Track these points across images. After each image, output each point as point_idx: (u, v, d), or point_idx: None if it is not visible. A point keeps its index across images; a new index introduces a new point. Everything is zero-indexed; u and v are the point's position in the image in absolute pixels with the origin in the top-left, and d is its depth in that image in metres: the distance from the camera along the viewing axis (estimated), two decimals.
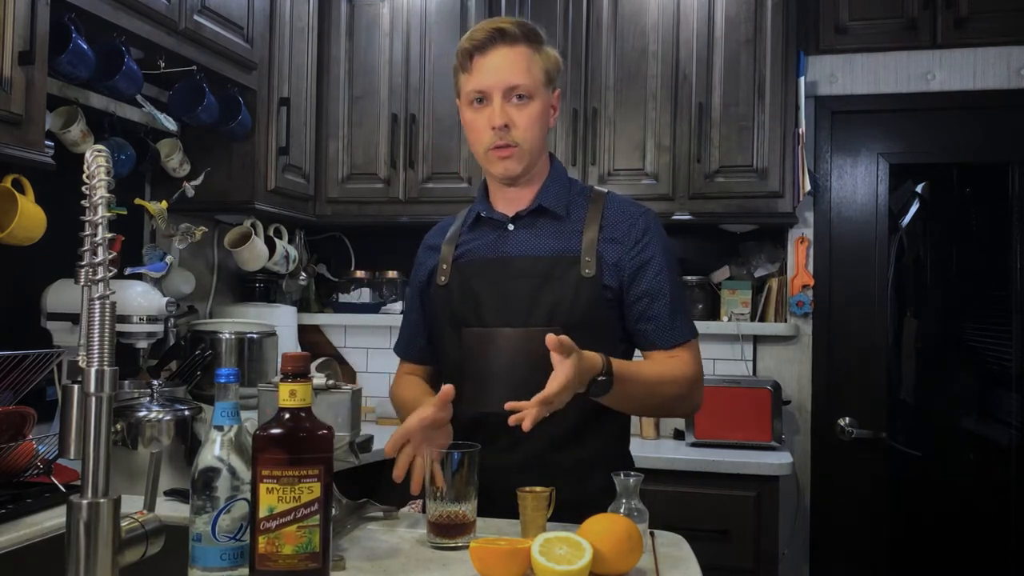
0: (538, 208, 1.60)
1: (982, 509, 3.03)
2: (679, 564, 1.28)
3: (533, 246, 1.58)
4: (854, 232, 3.15)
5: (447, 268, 1.62)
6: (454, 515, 1.30)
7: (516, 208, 1.61)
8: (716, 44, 2.93)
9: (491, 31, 1.53)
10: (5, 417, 1.60)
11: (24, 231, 1.97)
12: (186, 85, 2.47)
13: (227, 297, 3.21)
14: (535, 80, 1.54)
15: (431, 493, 1.31)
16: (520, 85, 1.53)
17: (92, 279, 0.97)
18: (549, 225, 1.59)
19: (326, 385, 1.30)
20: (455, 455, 1.31)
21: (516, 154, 1.55)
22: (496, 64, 1.53)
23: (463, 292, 1.59)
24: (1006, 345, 3.04)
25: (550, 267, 1.55)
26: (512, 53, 1.53)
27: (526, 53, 1.54)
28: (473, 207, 1.68)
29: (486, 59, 1.53)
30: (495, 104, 1.53)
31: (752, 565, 2.58)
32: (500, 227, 1.62)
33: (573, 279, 1.54)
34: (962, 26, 3.01)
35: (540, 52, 1.57)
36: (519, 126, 1.53)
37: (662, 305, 1.55)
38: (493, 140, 1.54)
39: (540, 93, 1.55)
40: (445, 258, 1.64)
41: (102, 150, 1.02)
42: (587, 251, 1.55)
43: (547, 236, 1.58)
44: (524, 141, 1.54)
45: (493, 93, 1.53)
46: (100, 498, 0.96)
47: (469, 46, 1.54)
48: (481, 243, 1.63)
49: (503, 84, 1.52)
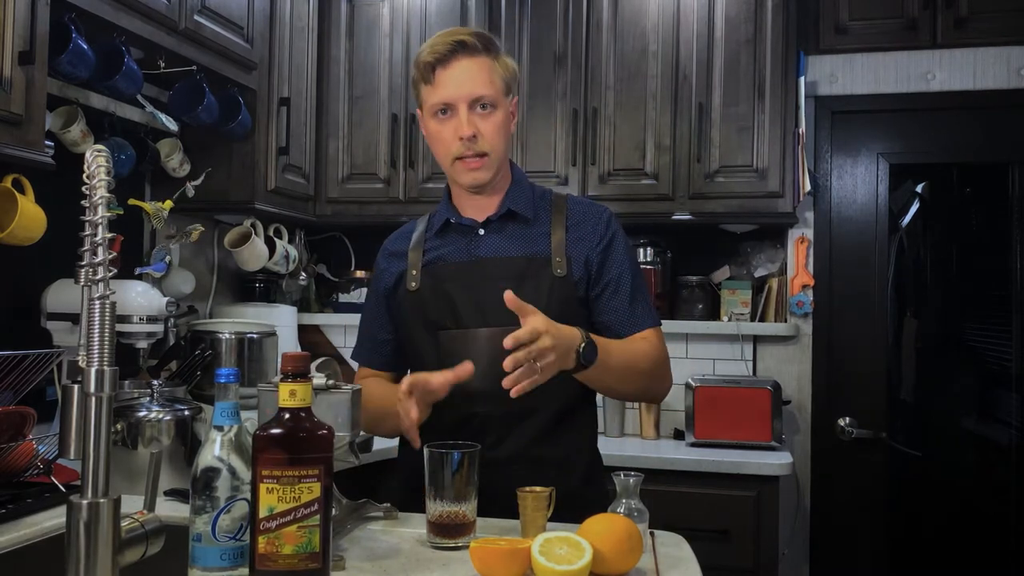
0: (507, 212, 1.64)
1: (982, 509, 3.03)
2: (679, 564, 1.28)
3: (505, 248, 1.62)
4: (854, 232, 3.15)
5: (416, 273, 1.64)
6: (454, 515, 1.30)
7: (484, 214, 1.65)
8: (716, 44, 2.93)
9: (452, 43, 1.56)
10: (5, 417, 1.60)
11: (24, 231, 1.97)
12: (186, 85, 2.47)
13: (227, 297, 3.21)
14: (497, 89, 1.58)
15: (431, 493, 1.31)
16: (484, 95, 1.56)
17: (92, 279, 0.97)
18: (518, 229, 1.64)
19: (326, 385, 1.30)
20: (455, 455, 1.31)
21: (485, 164, 1.59)
22: (460, 75, 1.56)
23: (437, 295, 1.61)
24: (1006, 345, 3.04)
25: (523, 268, 1.59)
26: (474, 64, 1.57)
27: (487, 63, 1.58)
28: (438, 214, 1.71)
29: (449, 71, 1.56)
30: (461, 115, 1.56)
31: (752, 565, 2.59)
32: (470, 232, 1.65)
33: (546, 279, 1.58)
34: (962, 26, 3.01)
35: (498, 61, 1.61)
36: (486, 135, 1.57)
37: (623, 295, 1.61)
38: (461, 150, 1.57)
39: (502, 102, 1.59)
40: (414, 264, 1.66)
41: (102, 150, 1.02)
42: (557, 251, 1.60)
43: (517, 239, 1.63)
44: (492, 150, 1.58)
45: (459, 104, 1.56)
46: (100, 498, 0.96)
47: (432, 59, 1.57)
48: (452, 248, 1.65)
49: (468, 95, 1.56)
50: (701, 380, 2.88)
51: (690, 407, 2.85)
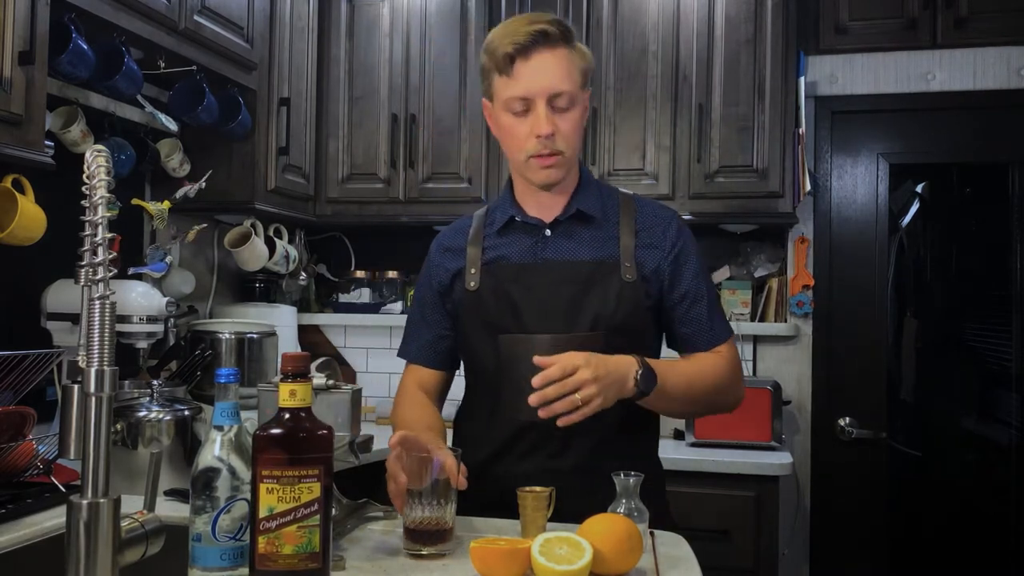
0: (576, 213, 1.57)
1: (982, 509, 3.03)
2: (679, 564, 1.28)
3: (573, 251, 1.56)
4: (854, 232, 3.15)
5: (476, 272, 1.58)
6: (432, 521, 1.26)
7: (551, 213, 1.58)
8: (716, 44, 2.93)
9: (534, 33, 1.46)
10: (5, 417, 1.60)
11: (24, 231, 1.97)
12: (186, 85, 2.47)
13: (227, 297, 3.21)
14: (575, 84, 1.50)
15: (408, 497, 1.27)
16: (564, 91, 1.47)
17: (92, 279, 0.97)
18: (586, 231, 1.57)
19: (326, 385, 1.30)
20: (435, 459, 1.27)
21: (559, 162, 1.51)
22: (540, 69, 1.47)
23: (498, 296, 1.55)
24: (1006, 345, 3.04)
25: (592, 272, 1.53)
26: (554, 57, 1.47)
27: (566, 55, 1.49)
28: (499, 209, 1.63)
29: (529, 63, 1.47)
30: (540, 112, 1.47)
31: (752, 565, 2.58)
32: (536, 232, 1.58)
33: (615, 284, 1.52)
34: (962, 26, 3.01)
35: (576, 51, 1.52)
36: (563, 133, 1.49)
37: (701, 307, 1.56)
38: (537, 148, 1.49)
39: (579, 97, 1.51)
40: (473, 261, 1.59)
41: (102, 150, 1.02)
42: (626, 256, 1.54)
43: (585, 242, 1.56)
44: (567, 148, 1.51)
45: (537, 100, 1.47)
46: (100, 498, 0.96)
47: (511, 49, 1.46)
48: (516, 247, 1.58)
49: (548, 90, 1.47)
50: None
51: None
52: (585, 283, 1.53)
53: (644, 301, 1.54)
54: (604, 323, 1.51)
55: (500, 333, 1.52)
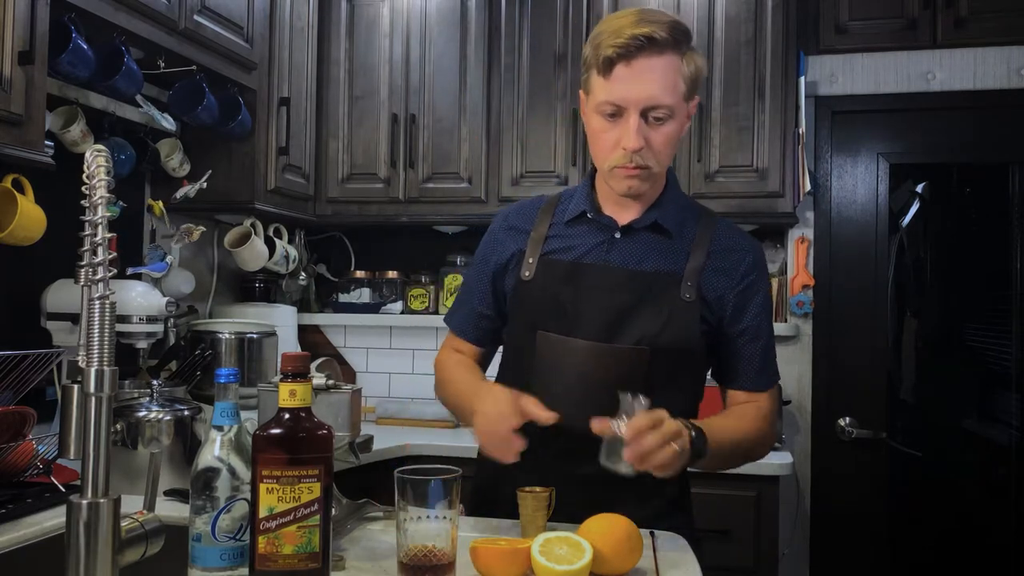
0: (652, 224, 1.49)
1: (982, 509, 3.03)
2: (679, 564, 1.28)
3: (638, 259, 1.47)
4: (854, 232, 3.15)
5: (533, 262, 1.51)
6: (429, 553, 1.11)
7: (627, 216, 1.50)
8: (716, 44, 2.93)
9: (641, 38, 1.35)
10: (5, 417, 1.60)
11: (24, 231, 1.97)
12: (186, 85, 2.47)
13: (227, 297, 3.21)
14: (678, 95, 1.39)
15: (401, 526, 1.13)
16: (662, 104, 1.38)
17: (92, 279, 0.97)
18: (657, 241, 1.48)
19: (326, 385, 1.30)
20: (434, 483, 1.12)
21: (645, 175, 1.43)
22: (639, 78, 1.37)
23: (548, 293, 1.48)
24: (1006, 345, 3.04)
25: (649, 284, 1.45)
26: (658, 65, 1.37)
27: (673, 64, 1.38)
28: (574, 200, 1.55)
29: (630, 69, 1.37)
30: (631, 123, 1.38)
31: (752, 565, 2.58)
32: (606, 232, 1.50)
33: (670, 301, 1.44)
34: (962, 26, 3.01)
35: (685, 59, 1.41)
36: (654, 148, 1.40)
37: (759, 347, 1.50)
38: (622, 160, 1.41)
39: (680, 110, 1.41)
40: (533, 249, 1.52)
41: (102, 150, 1.02)
42: (691, 275, 1.45)
43: (653, 252, 1.48)
44: (656, 164, 1.42)
45: (631, 109, 1.38)
46: (100, 498, 0.95)
47: (612, 53, 1.37)
48: (581, 243, 1.50)
49: (644, 102, 1.37)
50: None
51: None
52: (641, 294, 1.45)
53: (698, 325, 1.45)
54: (650, 339, 1.43)
55: (541, 330, 1.47)
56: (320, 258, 3.57)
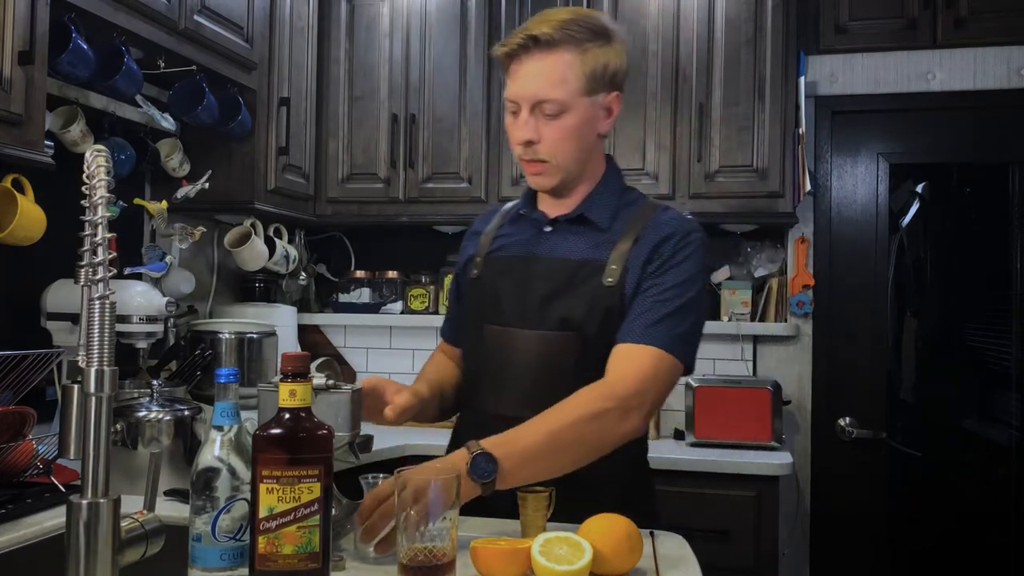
0: (579, 216, 1.53)
1: (982, 509, 3.03)
2: (679, 564, 1.28)
3: (563, 250, 1.52)
4: (854, 232, 3.15)
5: (480, 261, 1.60)
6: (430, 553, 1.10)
7: (557, 212, 1.55)
8: (716, 44, 2.93)
9: (524, 37, 1.43)
10: (5, 417, 1.60)
11: (24, 231, 1.97)
12: (186, 85, 2.47)
13: (227, 297, 3.21)
14: (570, 90, 1.42)
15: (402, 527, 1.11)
16: (548, 99, 1.42)
17: (92, 279, 0.97)
18: (586, 233, 1.52)
19: (326, 385, 1.30)
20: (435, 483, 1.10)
21: (546, 170, 1.48)
22: (527, 75, 1.43)
23: (489, 287, 1.56)
24: (1006, 345, 3.04)
25: (573, 272, 1.49)
26: (545, 62, 1.42)
27: (564, 59, 1.42)
28: (519, 202, 1.64)
29: (519, 67, 1.45)
30: (522, 116, 1.45)
31: (752, 565, 2.58)
32: (537, 227, 1.57)
33: (593, 286, 1.47)
34: (962, 26, 3.01)
35: (585, 53, 1.43)
36: (546, 141, 1.45)
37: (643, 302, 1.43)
38: (520, 153, 1.49)
39: (577, 104, 1.43)
40: (481, 250, 1.62)
41: (102, 150, 1.02)
42: (615, 260, 1.47)
43: (580, 243, 1.52)
44: (552, 157, 1.46)
45: (522, 105, 1.45)
46: (100, 498, 0.95)
47: (502, 53, 1.46)
48: (515, 240, 1.58)
49: (531, 98, 1.43)
50: (701, 380, 2.88)
51: (690, 407, 2.85)
52: (565, 283, 1.49)
53: (622, 308, 1.45)
54: (574, 324, 1.47)
55: (486, 323, 1.55)
56: (320, 258, 3.57)
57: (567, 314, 1.48)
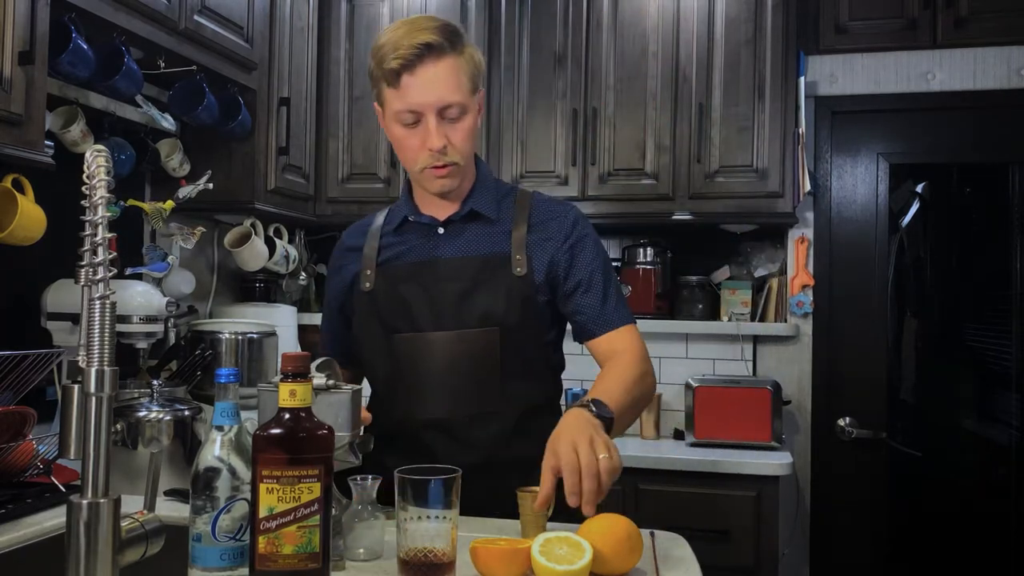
0: (469, 213, 1.58)
1: (982, 509, 3.03)
2: (679, 564, 1.28)
3: (464, 248, 1.56)
4: (854, 232, 3.15)
5: (371, 273, 1.59)
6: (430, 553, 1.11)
7: (446, 212, 1.59)
8: (716, 44, 2.93)
9: (418, 47, 1.45)
10: (5, 417, 1.60)
11: (24, 231, 1.97)
12: (186, 85, 2.47)
13: (227, 297, 3.21)
14: (465, 92, 1.49)
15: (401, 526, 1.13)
16: (453, 102, 1.47)
17: (92, 279, 0.97)
18: (480, 228, 1.58)
19: (326, 385, 1.30)
20: (435, 483, 1.12)
21: (453, 172, 1.52)
22: (427, 82, 1.46)
23: (391, 297, 1.56)
24: (1006, 345, 3.04)
25: (481, 268, 1.54)
26: (441, 68, 1.46)
27: (453, 64, 1.48)
28: (396, 209, 1.65)
29: (415, 77, 1.46)
30: (430, 125, 1.47)
31: (752, 565, 2.59)
32: (430, 231, 1.60)
33: (505, 279, 1.53)
34: (962, 26, 3.01)
35: (463, 56, 1.50)
36: (456, 144, 1.50)
37: (594, 294, 1.55)
38: (430, 161, 1.50)
39: (470, 104, 1.51)
40: (368, 262, 1.60)
41: (102, 150, 1.02)
42: (517, 250, 1.54)
43: (478, 238, 1.57)
44: (461, 158, 1.52)
45: (427, 113, 1.47)
46: (100, 498, 0.95)
47: (396, 65, 1.46)
48: (408, 247, 1.60)
49: (436, 104, 1.47)
50: (701, 380, 2.88)
51: (690, 407, 2.85)
52: (475, 279, 1.53)
53: (537, 295, 1.54)
54: (496, 318, 1.51)
55: (394, 334, 1.54)
56: (320, 258, 3.56)
57: (487, 309, 1.51)
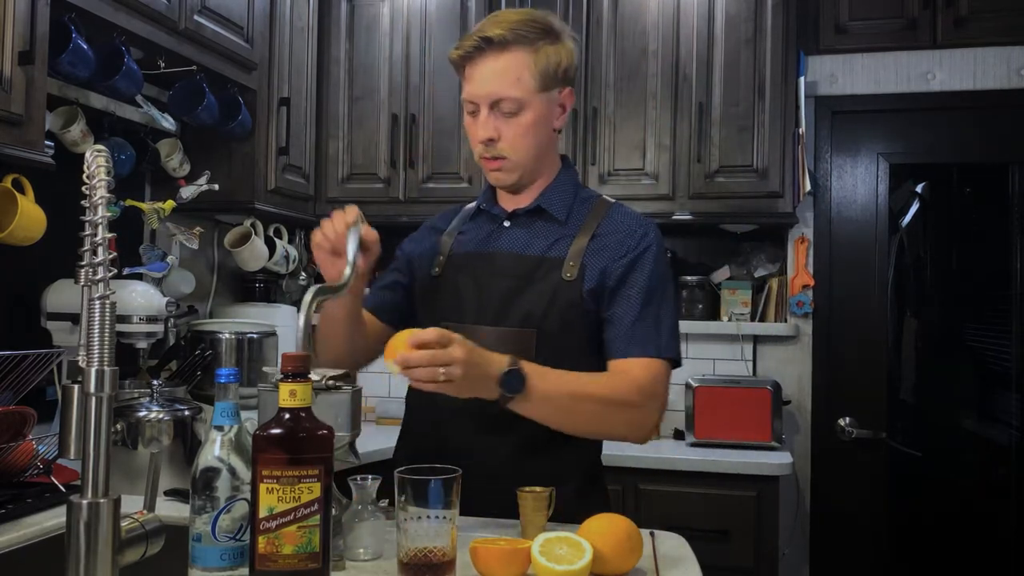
0: (536, 209, 1.55)
1: (982, 509, 3.03)
2: (679, 564, 1.28)
3: (523, 245, 1.55)
4: (854, 232, 3.15)
5: (443, 259, 1.60)
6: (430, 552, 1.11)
7: (515, 206, 1.58)
8: (716, 44, 2.93)
9: (478, 40, 1.47)
10: (5, 417, 1.60)
11: (24, 231, 1.97)
12: (186, 85, 2.47)
13: (227, 297, 3.21)
14: (526, 88, 1.47)
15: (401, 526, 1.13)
16: (506, 98, 1.47)
17: (92, 279, 0.97)
18: (545, 227, 1.55)
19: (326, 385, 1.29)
20: (435, 483, 1.12)
21: (506, 166, 1.51)
22: (483, 75, 1.48)
23: (449, 285, 1.57)
24: (1006, 345, 3.04)
25: (533, 268, 1.51)
26: (500, 62, 1.46)
27: (518, 59, 1.46)
28: (479, 199, 1.66)
29: (475, 69, 1.49)
30: (482, 116, 1.50)
31: (752, 565, 2.59)
32: (496, 222, 1.59)
33: (553, 282, 1.49)
34: (962, 26, 3.01)
35: (538, 52, 1.47)
36: (506, 139, 1.49)
37: (631, 313, 1.47)
38: (482, 151, 1.53)
39: (533, 101, 1.48)
40: (444, 248, 1.61)
41: (102, 150, 1.02)
42: (573, 256, 1.50)
43: (540, 237, 1.54)
44: (513, 153, 1.50)
45: (480, 104, 1.50)
46: (100, 498, 0.95)
47: (457, 56, 1.51)
48: (474, 236, 1.60)
49: (489, 97, 1.48)
50: (701, 380, 2.88)
51: (690, 407, 2.85)
52: (525, 278, 1.51)
53: (582, 303, 1.48)
54: (536, 321, 1.47)
55: (443, 321, 1.52)
56: None
57: (528, 310, 1.49)
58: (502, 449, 1.47)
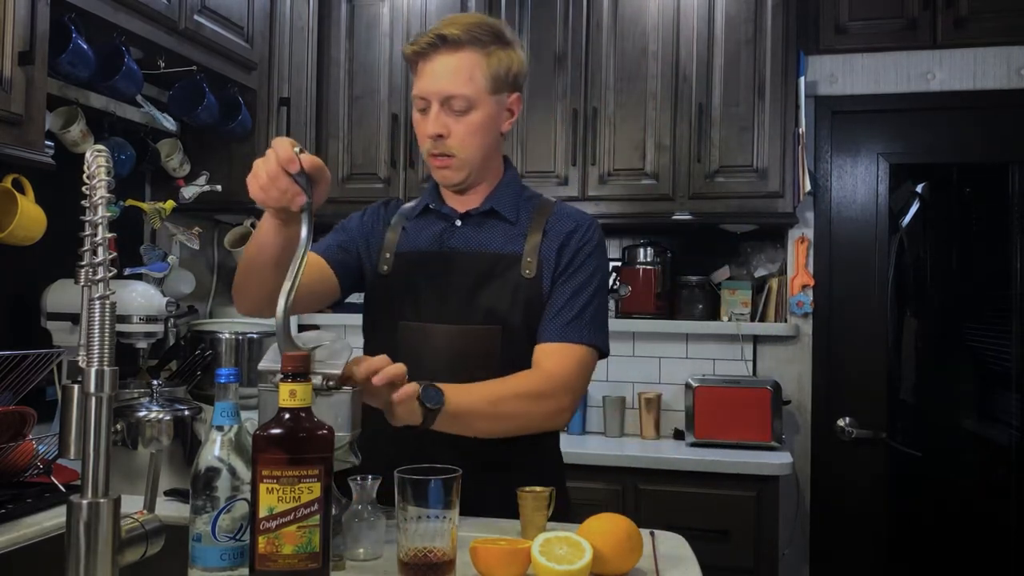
0: (489, 210, 1.59)
1: (982, 509, 3.03)
2: (679, 564, 1.28)
3: (478, 243, 1.57)
4: (854, 232, 3.15)
5: (390, 256, 1.61)
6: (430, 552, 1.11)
7: (466, 207, 1.60)
8: (716, 44, 2.93)
9: (433, 38, 1.50)
10: (5, 417, 1.60)
11: (24, 231, 1.97)
12: (186, 85, 2.47)
13: (227, 297, 3.21)
14: (477, 88, 1.50)
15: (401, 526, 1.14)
16: (457, 95, 1.49)
17: (92, 279, 0.97)
18: (496, 226, 1.59)
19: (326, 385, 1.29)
20: (435, 483, 1.12)
21: (454, 164, 1.53)
22: (436, 72, 1.50)
23: (403, 284, 1.57)
24: (1006, 345, 3.04)
25: (492, 265, 1.54)
26: (453, 60, 1.49)
27: (471, 59, 1.50)
28: (423, 198, 1.67)
29: (428, 65, 1.51)
30: (432, 112, 1.51)
31: (752, 565, 2.59)
32: (448, 221, 1.61)
33: (513, 279, 1.53)
34: (962, 26, 3.01)
35: (490, 55, 1.51)
36: (455, 136, 1.51)
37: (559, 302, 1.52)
38: (430, 148, 1.53)
39: (483, 101, 1.51)
40: (389, 245, 1.62)
41: (102, 150, 1.02)
42: (529, 253, 1.55)
43: (494, 236, 1.58)
44: (461, 151, 1.52)
45: (431, 101, 1.51)
46: (100, 498, 0.95)
47: (411, 52, 1.53)
48: (426, 235, 1.61)
49: (440, 93, 1.49)
50: (701, 380, 2.88)
51: (690, 407, 2.85)
52: (484, 275, 1.53)
53: (542, 299, 1.53)
54: (499, 317, 1.51)
55: (401, 321, 1.55)
56: None
57: (492, 306, 1.51)
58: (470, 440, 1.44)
